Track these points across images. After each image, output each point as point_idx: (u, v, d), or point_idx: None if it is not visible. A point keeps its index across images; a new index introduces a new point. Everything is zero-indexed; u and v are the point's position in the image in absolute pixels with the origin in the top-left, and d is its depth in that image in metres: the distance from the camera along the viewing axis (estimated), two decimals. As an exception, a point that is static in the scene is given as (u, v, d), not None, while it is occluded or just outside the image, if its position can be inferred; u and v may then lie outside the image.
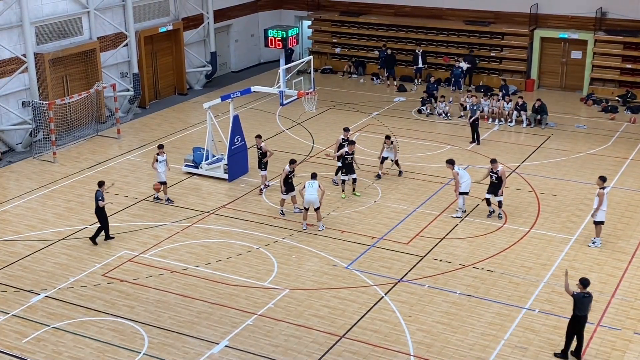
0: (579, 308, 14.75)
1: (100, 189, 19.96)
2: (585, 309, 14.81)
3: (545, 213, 21.70)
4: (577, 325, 14.83)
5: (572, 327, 14.87)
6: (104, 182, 20.31)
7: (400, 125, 29.49)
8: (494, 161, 21.20)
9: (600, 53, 33.47)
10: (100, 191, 19.88)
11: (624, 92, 32.70)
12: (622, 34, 33.09)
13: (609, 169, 24.95)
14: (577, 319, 14.81)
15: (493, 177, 21.08)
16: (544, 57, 34.92)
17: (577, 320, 14.81)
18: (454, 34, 36.02)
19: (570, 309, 16.65)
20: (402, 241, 20.06)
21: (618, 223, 20.98)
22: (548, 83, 35.08)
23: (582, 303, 14.74)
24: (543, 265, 18.65)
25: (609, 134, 28.68)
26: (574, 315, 14.82)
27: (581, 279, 14.90)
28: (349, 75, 37.44)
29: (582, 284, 14.81)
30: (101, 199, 19.71)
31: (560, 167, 25.25)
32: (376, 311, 16.81)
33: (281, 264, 18.89)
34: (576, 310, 14.78)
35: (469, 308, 16.90)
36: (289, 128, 29.20)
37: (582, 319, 14.84)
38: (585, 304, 14.78)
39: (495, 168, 20.96)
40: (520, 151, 26.75)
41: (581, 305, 14.73)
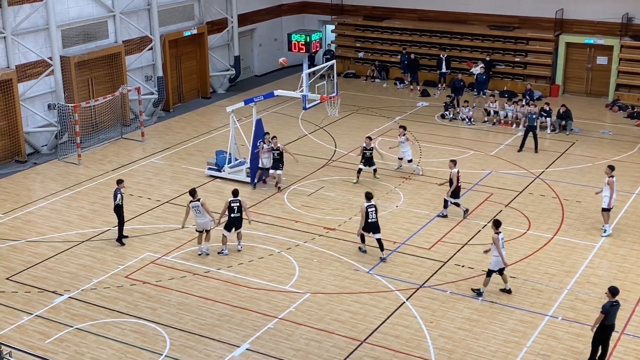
0: (606, 317, 14.51)
1: (119, 186, 20.07)
2: (612, 317, 14.60)
3: (569, 220, 21.50)
4: (604, 335, 14.62)
5: (599, 335, 14.64)
6: (122, 180, 20.42)
7: (423, 130, 29.40)
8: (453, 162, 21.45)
9: (626, 59, 33.14)
10: (119, 189, 19.99)
11: (651, 98, 32.36)
12: (650, 38, 32.76)
13: (634, 176, 24.69)
14: (605, 328, 14.57)
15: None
16: (569, 62, 34.65)
17: (604, 329, 14.58)
18: (478, 39, 35.85)
19: (594, 317, 16.50)
20: (424, 246, 19.98)
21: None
22: (573, 89, 34.79)
23: (610, 312, 14.51)
24: (567, 272, 18.48)
25: (634, 140, 28.37)
26: (601, 324, 14.58)
27: (610, 288, 14.69)
28: (372, 79, 37.40)
29: (612, 293, 14.57)
30: (119, 196, 19.81)
31: (585, 174, 25.01)
32: (397, 316, 16.75)
33: (302, 268, 18.89)
34: (604, 319, 14.51)
35: (491, 315, 16.78)
36: (311, 132, 29.22)
37: (609, 328, 14.63)
38: (612, 313, 14.56)
39: (451, 168, 21.25)
40: (545, 157, 26.54)
41: (608, 314, 14.51)
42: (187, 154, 27.27)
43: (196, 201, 19.14)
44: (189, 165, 26.06)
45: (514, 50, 35.28)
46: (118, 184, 20.16)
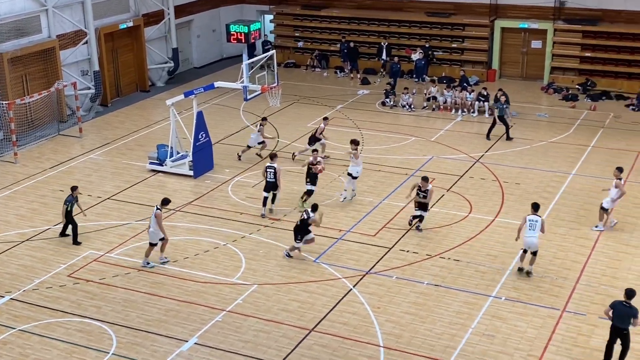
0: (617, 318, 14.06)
1: (73, 193, 19.67)
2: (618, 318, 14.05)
3: (509, 202, 21.93)
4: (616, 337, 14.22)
5: (612, 338, 14.23)
6: (77, 187, 19.99)
7: (364, 118, 29.57)
8: (425, 179, 19.76)
9: (560, 42, 33.91)
10: (72, 195, 19.61)
11: (584, 80, 33.18)
12: (581, 22, 33.54)
13: (571, 157, 25.31)
14: (616, 331, 14.14)
15: (420, 196, 19.69)
16: (504, 47, 35.27)
17: (616, 331, 14.17)
18: (416, 26, 36.19)
19: (535, 296, 16.92)
20: (369, 233, 20.13)
21: (581, 209, 21.29)
22: (509, 73, 35.44)
23: (615, 308, 14.09)
24: (509, 253, 18.85)
25: (570, 122, 29.08)
26: (613, 326, 14.18)
27: (627, 290, 14.26)
28: (312, 69, 37.42)
29: (627, 295, 14.13)
30: (70, 203, 19.44)
31: (523, 156, 25.54)
32: (345, 304, 16.87)
33: (249, 260, 18.85)
34: (615, 320, 14.13)
35: (436, 298, 17.03)
36: (253, 123, 29.10)
37: (619, 330, 14.13)
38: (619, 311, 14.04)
39: (425, 187, 19.58)
40: (484, 141, 26.98)
41: (614, 309, 14.09)
42: (127, 148, 26.87)
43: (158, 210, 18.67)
44: (129, 160, 25.69)
45: (451, 37, 35.73)
46: (72, 191, 19.73)
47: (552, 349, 15.05)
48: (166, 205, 18.83)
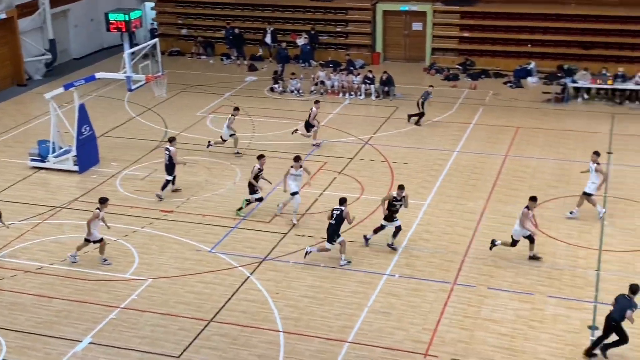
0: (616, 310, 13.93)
1: None
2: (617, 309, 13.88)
3: (398, 181, 22.35)
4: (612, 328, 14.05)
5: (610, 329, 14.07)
6: None
7: (253, 105, 29.45)
8: (401, 187, 18.40)
9: (439, 23, 34.83)
10: None
11: (464, 60, 34.25)
12: (459, 3, 34.56)
13: (454, 134, 26.11)
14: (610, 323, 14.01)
15: (396, 206, 18.33)
16: (387, 30, 35.89)
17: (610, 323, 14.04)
18: (300, 11, 36.27)
19: (428, 271, 17.40)
20: (264, 220, 20.11)
21: (466, 185, 22.02)
22: (393, 55, 36.12)
23: (620, 304, 13.92)
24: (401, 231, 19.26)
25: (452, 100, 29.97)
26: (609, 317, 14.03)
27: (632, 285, 14.15)
28: (197, 56, 36.90)
29: (631, 290, 14.06)
30: None
31: (410, 136, 26.15)
32: (243, 292, 16.81)
33: (142, 254, 18.46)
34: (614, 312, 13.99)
35: (332, 280, 17.23)
36: (139, 114, 28.44)
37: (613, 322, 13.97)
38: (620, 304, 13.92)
39: (401, 195, 18.29)
40: (372, 123, 27.45)
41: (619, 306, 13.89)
42: (6, 145, 25.71)
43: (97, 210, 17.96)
44: (9, 157, 24.58)
45: (335, 21, 36.04)
46: None
47: (445, 322, 15.54)
48: (104, 205, 18.07)
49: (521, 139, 25.59)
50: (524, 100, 29.93)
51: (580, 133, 26.02)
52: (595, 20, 32.84)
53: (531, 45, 33.64)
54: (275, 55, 34.81)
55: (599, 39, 32.82)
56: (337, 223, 17.66)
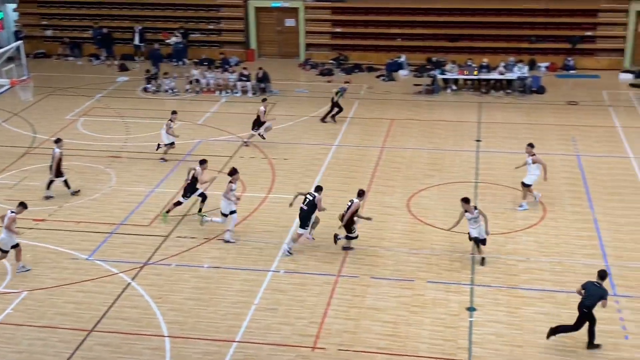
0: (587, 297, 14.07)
1: None
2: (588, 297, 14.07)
3: (279, 177, 22.49)
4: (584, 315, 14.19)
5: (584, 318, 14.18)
6: None
7: (127, 106, 28.74)
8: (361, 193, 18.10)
9: (312, 19, 35.18)
10: None
11: (337, 55, 34.75)
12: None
13: (332, 129, 26.45)
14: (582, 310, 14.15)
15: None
16: (260, 26, 35.91)
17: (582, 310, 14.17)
18: (170, 9, 35.69)
19: (312, 265, 17.54)
20: (143, 224, 19.67)
21: (346, 178, 22.36)
22: (267, 52, 36.17)
23: (590, 291, 14.08)
24: (283, 227, 19.35)
25: (328, 95, 30.26)
26: (582, 304, 14.13)
27: (600, 271, 14.27)
28: (64, 58, 35.59)
29: (599, 276, 14.17)
30: None
31: (289, 132, 26.29)
32: (124, 299, 16.38)
33: (15, 266, 17.62)
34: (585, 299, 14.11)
35: (217, 280, 17.09)
36: (5, 120, 27.13)
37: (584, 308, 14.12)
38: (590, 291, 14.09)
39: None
40: (250, 120, 27.30)
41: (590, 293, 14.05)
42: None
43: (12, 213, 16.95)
44: None
45: (207, 18, 35.70)
46: None
47: (332, 313, 15.74)
48: (24, 209, 17.18)
49: (396, 131, 26.26)
50: (396, 92, 30.71)
51: (451, 122, 26.98)
52: (460, 13, 34.12)
53: (401, 39, 34.55)
54: (148, 55, 34.08)
55: (464, 32, 34.13)
56: (309, 209, 17.86)
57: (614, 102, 28.84)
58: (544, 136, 25.16)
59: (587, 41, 33.31)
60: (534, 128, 26.18)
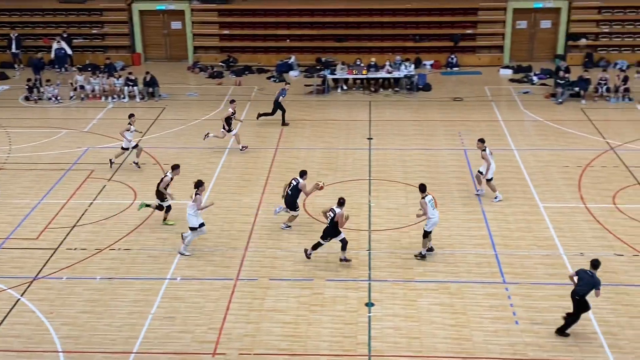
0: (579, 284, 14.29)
1: None
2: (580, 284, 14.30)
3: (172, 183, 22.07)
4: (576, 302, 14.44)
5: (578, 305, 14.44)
6: None
7: (8, 116, 27.57)
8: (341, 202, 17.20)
9: (199, 22, 34.84)
10: None
11: (226, 58, 34.54)
12: (216, 1, 34.77)
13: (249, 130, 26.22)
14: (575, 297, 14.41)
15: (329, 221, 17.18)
16: (145, 30, 35.27)
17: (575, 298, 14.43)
18: (50, 14, 34.50)
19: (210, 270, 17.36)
20: (31, 237, 18.92)
21: (241, 181, 22.25)
22: (154, 55, 35.57)
23: (583, 279, 14.29)
24: (178, 234, 19.04)
25: (219, 98, 30.13)
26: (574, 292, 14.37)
27: (593, 260, 14.48)
28: (-63, 67, 33.80)
29: (592, 265, 14.38)
30: None
31: (180, 136, 25.91)
32: (14, 315, 15.69)
33: None
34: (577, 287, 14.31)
35: (112, 291, 16.63)
36: None
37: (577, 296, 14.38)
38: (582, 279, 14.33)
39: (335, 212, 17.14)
40: (139, 126, 26.74)
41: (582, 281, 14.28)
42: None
43: None
44: None
45: (90, 23, 34.73)
46: None
47: (231, 318, 15.62)
48: None
49: (289, 132, 26.34)
50: (288, 93, 30.77)
51: (343, 122, 27.32)
52: (345, 14, 34.61)
53: (290, 40, 34.72)
54: (27, 62, 32.79)
55: (351, 32, 34.66)
56: (294, 194, 18.65)
57: (496, 97, 29.98)
58: (431, 132, 25.87)
59: (469, 39, 34.50)
60: (422, 124, 26.87)
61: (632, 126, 26.01)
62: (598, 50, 33.99)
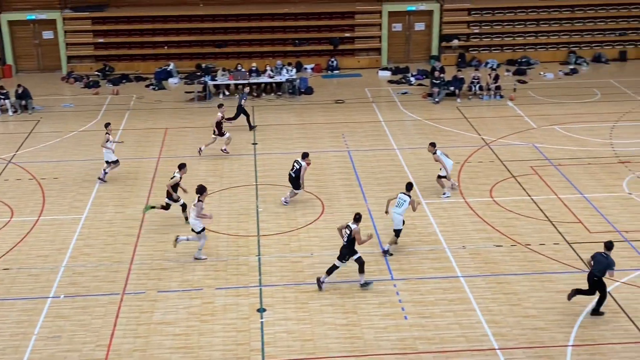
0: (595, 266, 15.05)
1: None
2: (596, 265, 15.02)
3: (50, 198, 21.31)
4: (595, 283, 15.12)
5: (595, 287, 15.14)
6: None
7: None
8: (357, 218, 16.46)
9: (72, 31, 33.77)
10: None
11: (103, 66, 33.63)
12: (89, 9, 33.82)
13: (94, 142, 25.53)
14: (593, 279, 15.09)
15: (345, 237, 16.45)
16: (16, 40, 33.89)
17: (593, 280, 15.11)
18: None
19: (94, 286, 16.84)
20: None
21: (123, 192, 21.67)
22: (26, 66, 34.21)
23: (599, 261, 15.03)
24: (59, 250, 18.37)
25: (96, 108, 29.28)
26: (591, 274, 15.11)
27: (606, 242, 15.23)
28: None
29: (606, 247, 15.16)
30: None
31: (56, 149, 25.00)
32: None
33: None
34: (594, 269, 15.06)
35: (-10, 314, 15.84)
36: None
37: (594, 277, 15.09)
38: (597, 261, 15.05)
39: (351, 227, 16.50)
40: (12, 140, 25.68)
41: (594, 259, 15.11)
42: None
43: None
44: None
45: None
46: None
47: (119, 333, 15.18)
48: None
49: (171, 140, 25.92)
50: (168, 101, 30.33)
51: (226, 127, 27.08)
52: (224, 19, 34.43)
53: (168, 47, 34.19)
54: None
55: (230, 37, 34.51)
56: (296, 175, 20.21)
57: (376, 98, 30.62)
58: (315, 135, 26.11)
59: (347, 42, 35.07)
60: (306, 128, 27.08)
61: (504, 122, 27.19)
62: (470, 50, 35.35)
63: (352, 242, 16.38)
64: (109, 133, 22.07)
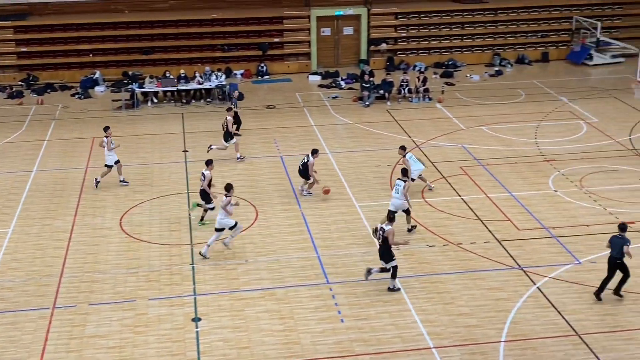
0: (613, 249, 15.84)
1: None
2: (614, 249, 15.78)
3: (-27, 212, 20.64)
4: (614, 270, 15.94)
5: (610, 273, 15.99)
6: None
7: None
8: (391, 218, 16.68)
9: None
10: None
11: (26, 76, 32.76)
12: (10, 18, 32.91)
13: (28, 154, 24.91)
14: (613, 262, 15.85)
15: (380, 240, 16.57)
16: None
17: (613, 262, 15.87)
18: None
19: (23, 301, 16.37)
20: None
21: (50, 204, 21.16)
22: (-56, 77, 33.04)
23: (612, 242, 15.85)
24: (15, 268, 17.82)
25: (20, 119, 28.50)
26: (611, 257, 15.88)
27: (620, 224, 16.08)
28: None
29: (620, 229, 15.92)
30: None
31: (-23, 162, 24.24)
32: None
33: None
34: (612, 252, 15.84)
35: None
36: None
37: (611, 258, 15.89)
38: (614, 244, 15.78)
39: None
40: None
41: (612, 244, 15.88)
42: None
43: None
44: None
45: None
46: None
47: (50, 348, 14.80)
48: None
49: (98, 149, 25.25)
50: (95, 110, 29.74)
51: (156, 136, 26.77)
52: (150, 26, 33.96)
53: (93, 55, 33.53)
54: None
55: (157, 44, 34.06)
56: (304, 169, 21.17)
57: (307, 102, 30.67)
58: (248, 140, 25.94)
59: (276, 47, 35.04)
60: (236, 134, 26.92)
61: (433, 124, 27.61)
62: (398, 53, 35.78)
63: (387, 243, 16.47)
64: (109, 136, 22.01)
